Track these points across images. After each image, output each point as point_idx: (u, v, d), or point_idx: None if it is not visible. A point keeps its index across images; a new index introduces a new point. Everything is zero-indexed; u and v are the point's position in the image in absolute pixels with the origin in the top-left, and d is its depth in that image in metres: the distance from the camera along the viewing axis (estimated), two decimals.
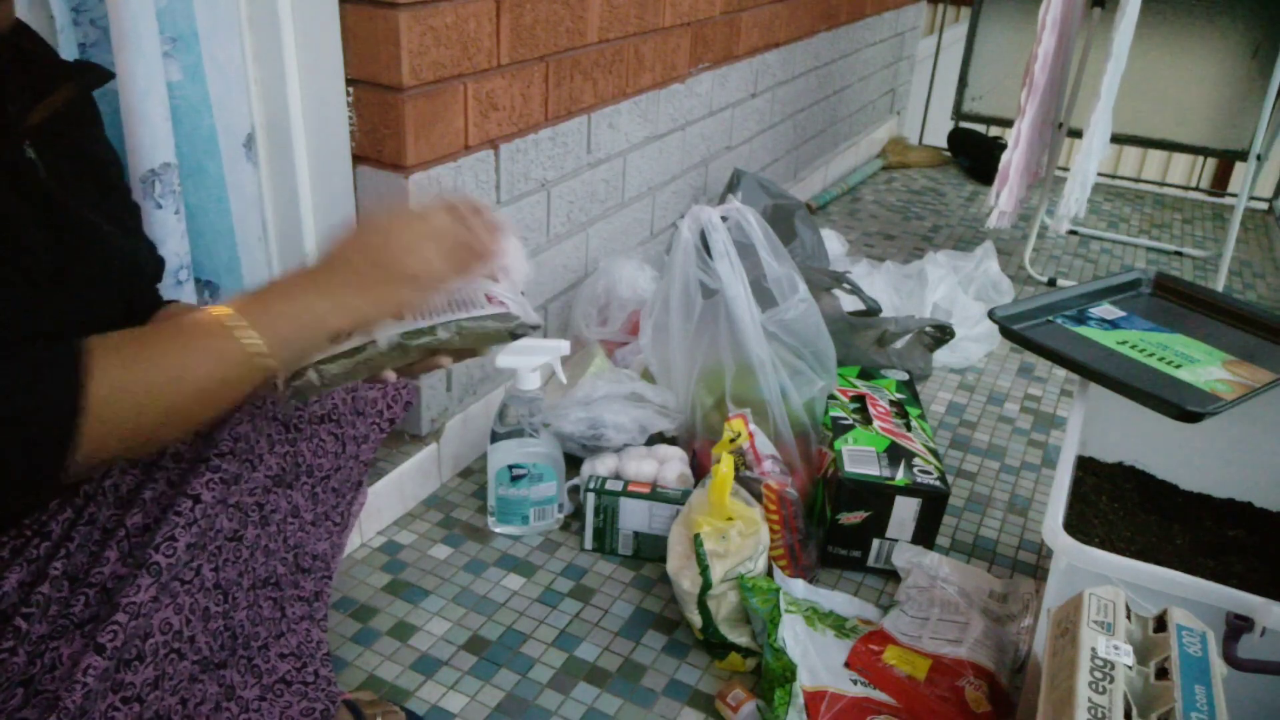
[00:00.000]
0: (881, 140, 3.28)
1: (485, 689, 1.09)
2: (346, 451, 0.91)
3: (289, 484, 0.84)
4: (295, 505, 0.84)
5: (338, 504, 0.91)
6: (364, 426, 0.97)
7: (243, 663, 0.79)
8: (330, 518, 0.90)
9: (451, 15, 1.21)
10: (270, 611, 0.83)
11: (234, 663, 0.78)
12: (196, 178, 1.12)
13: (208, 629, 0.75)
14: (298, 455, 0.85)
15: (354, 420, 0.95)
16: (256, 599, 0.80)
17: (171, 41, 1.04)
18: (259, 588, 0.81)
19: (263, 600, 0.81)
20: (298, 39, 1.16)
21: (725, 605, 1.13)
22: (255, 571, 0.80)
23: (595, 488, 1.29)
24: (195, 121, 1.10)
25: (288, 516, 0.83)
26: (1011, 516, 1.46)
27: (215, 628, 0.76)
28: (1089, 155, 2.05)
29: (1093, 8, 2.20)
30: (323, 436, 0.88)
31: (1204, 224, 2.92)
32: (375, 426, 1.00)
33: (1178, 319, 1.31)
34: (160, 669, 0.69)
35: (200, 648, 0.74)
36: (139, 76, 0.98)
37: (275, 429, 0.84)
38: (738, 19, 1.98)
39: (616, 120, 1.64)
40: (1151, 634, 0.84)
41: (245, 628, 0.80)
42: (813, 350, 1.39)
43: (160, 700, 0.68)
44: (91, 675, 0.66)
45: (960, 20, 3.88)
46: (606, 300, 1.65)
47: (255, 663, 0.81)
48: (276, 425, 0.84)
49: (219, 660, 0.76)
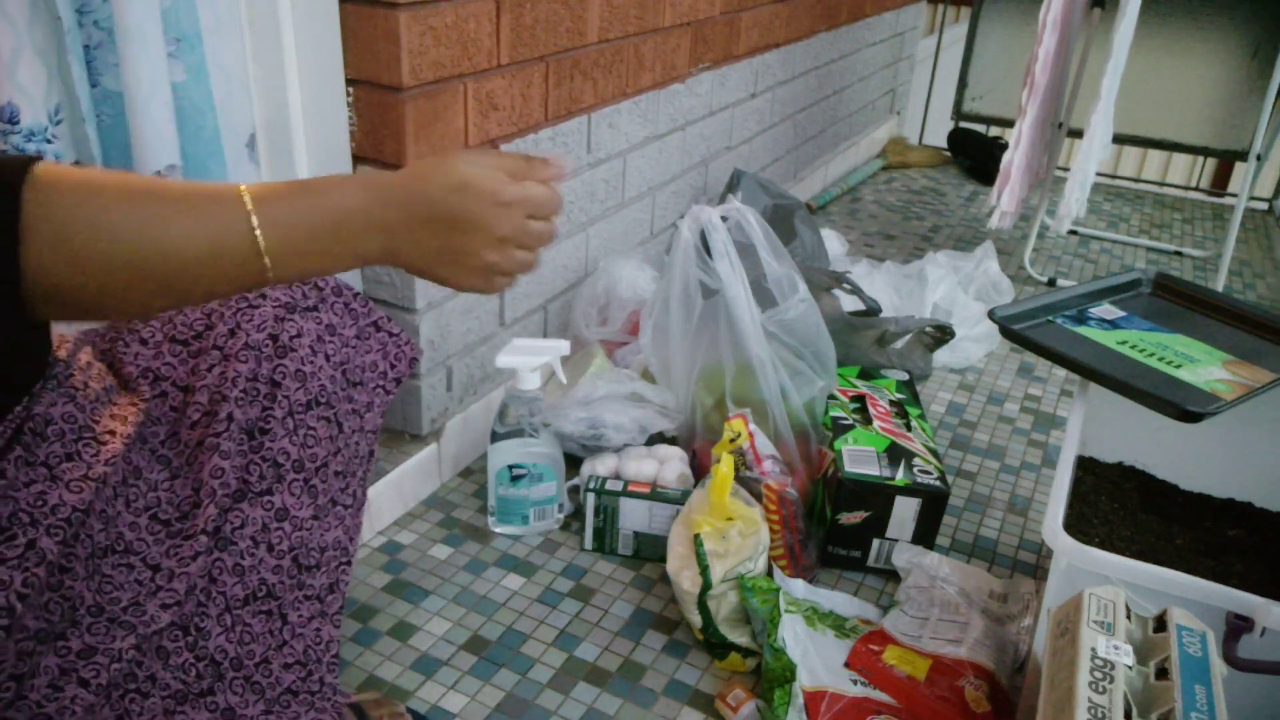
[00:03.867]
0: (881, 140, 3.28)
1: (485, 689, 1.09)
2: (345, 430, 0.86)
3: (254, 495, 0.80)
4: (279, 509, 0.81)
5: (346, 486, 0.87)
6: (364, 396, 0.91)
7: (238, 684, 0.78)
8: (339, 502, 0.86)
9: (451, 15, 1.21)
10: (265, 626, 0.81)
11: (223, 688, 0.76)
12: (200, 179, 1.13)
13: (169, 665, 0.73)
14: (267, 460, 0.81)
15: (349, 394, 0.89)
16: (239, 619, 0.78)
17: (175, 42, 1.04)
18: (238, 609, 0.78)
19: (249, 617, 0.79)
20: (298, 39, 1.16)
21: (725, 605, 1.13)
22: (229, 594, 0.78)
23: (595, 488, 1.29)
24: (199, 122, 1.10)
25: (265, 526, 0.80)
26: (1011, 516, 1.46)
27: (180, 662, 0.74)
28: (1089, 155, 2.05)
29: (1093, 8, 2.20)
30: (311, 424, 0.83)
31: (1204, 224, 2.92)
32: (379, 390, 0.94)
33: (1178, 319, 1.31)
34: (121, 708, 0.68)
35: (168, 683, 0.72)
36: (144, 78, 0.98)
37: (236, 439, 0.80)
38: (738, 19, 1.98)
39: (616, 120, 1.64)
40: (1151, 634, 0.84)
41: (230, 650, 0.78)
42: (813, 350, 1.39)
43: None
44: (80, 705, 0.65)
45: (960, 20, 3.88)
46: (606, 300, 1.65)
47: (255, 680, 0.79)
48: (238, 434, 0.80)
49: (200, 689, 0.75)
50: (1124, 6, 1.91)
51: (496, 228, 0.64)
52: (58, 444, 0.69)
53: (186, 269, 0.57)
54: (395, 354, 0.96)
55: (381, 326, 0.95)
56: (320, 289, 0.89)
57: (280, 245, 0.59)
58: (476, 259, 0.64)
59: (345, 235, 0.61)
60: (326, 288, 0.90)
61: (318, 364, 0.85)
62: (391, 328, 0.96)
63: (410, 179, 0.63)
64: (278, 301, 0.84)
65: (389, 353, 0.95)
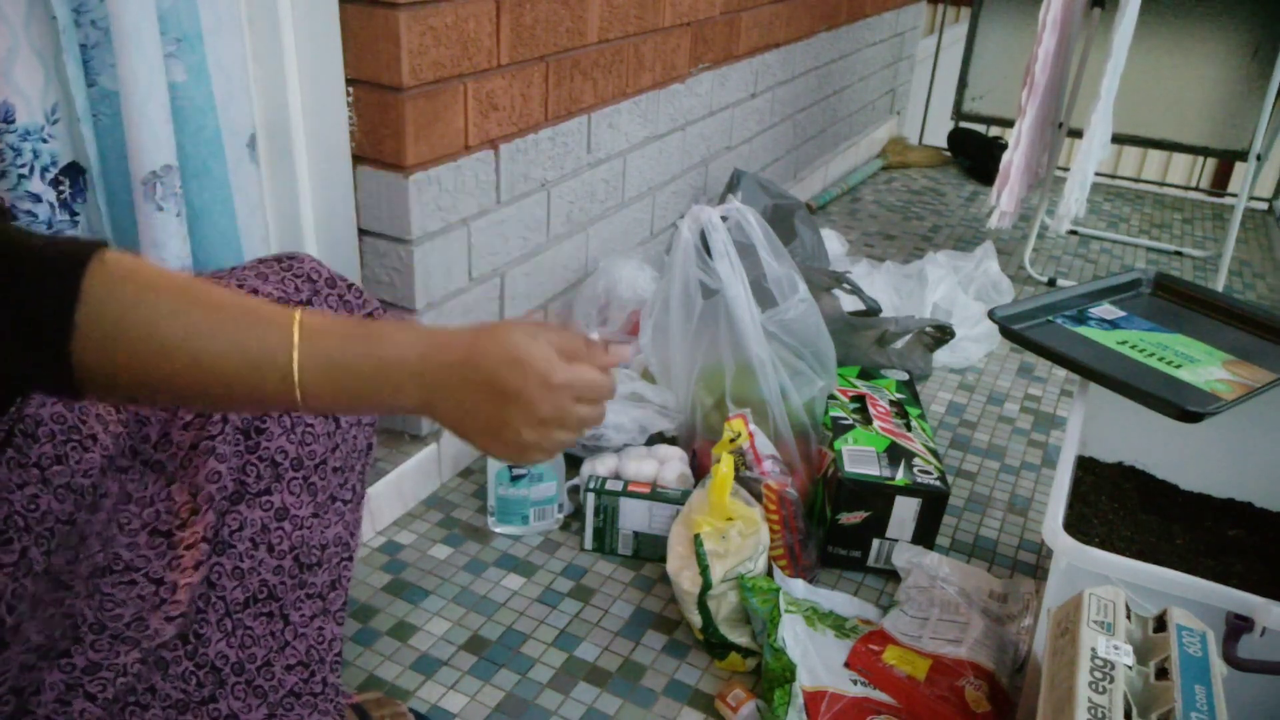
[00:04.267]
0: (881, 140, 3.28)
1: (485, 689, 1.09)
2: (342, 425, 0.86)
3: (251, 496, 0.80)
4: (278, 508, 0.81)
5: (345, 481, 0.87)
6: None
7: (239, 689, 0.77)
8: (339, 498, 0.86)
9: (451, 15, 1.21)
10: (266, 628, 0.80)
11: (224, 694, 0.76)
12: (201, 180, 1.12)
13: (169, 675, 0.73)
14: (264, 460, 0.81)
15: None
16: (239, 623, 0.78)
17: (176, 42, 1.04)
18: (238, 612, 0.78)
19: (250, 620, 0.79)
20: (298, 39, 1.16)
21: (725, 605, 1.13)
22: (228, 599, 0.77)
23: (595, 488, 1.29)
24: (200, 122, 1.10)
25: (265, 527, 0.80)
26: (1011, 516, 1.46)
27: (180, 671, 0.74)
28: (1088, 155, 2.05)
29: (1093, 8, 2.20)
30: (308, 420, 0.83)
31: (1204, 224, 2.92)
32: None
33: (1178, 319, 1.31)
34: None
35: (168, 693, 0.72)
36: (140, 78, 0.98)
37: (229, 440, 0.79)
38: (738, 19, 1.98)
39: (616, 120, 1.64)
40: (1151, 634, 0.84)
41: (231, 655, 0.77)
42: (813, 350, 1.39)
43: None
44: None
45: (960, 20, 3.88)
46: (606, 300, 1.65)
47: (256, 684, 0.79)
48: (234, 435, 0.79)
49: (201, 697, 0.74)
50: (1124, 6, 1.91)
51: (540, 408, 0.61)
52: (49, 445, 0.68)
53: (223, 384, 0.56)
54: None
55: (377, 316, 0.94)
56: (313, 280, 0.88)
57: (317, 382, 0.57)
58: (514, 434, 0.61)
59: (387, 386, 0.59)
60: (320, 279, 0.89)
61: None
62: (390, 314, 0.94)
63: (468, 343, 0.60)
64: (270, 296, 0.84)
65: None
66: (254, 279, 0.86)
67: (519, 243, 1.47)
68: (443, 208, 1.29)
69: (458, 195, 1.31)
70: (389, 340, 0.59)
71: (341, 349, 0.58)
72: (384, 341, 0.59)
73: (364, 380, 0.58)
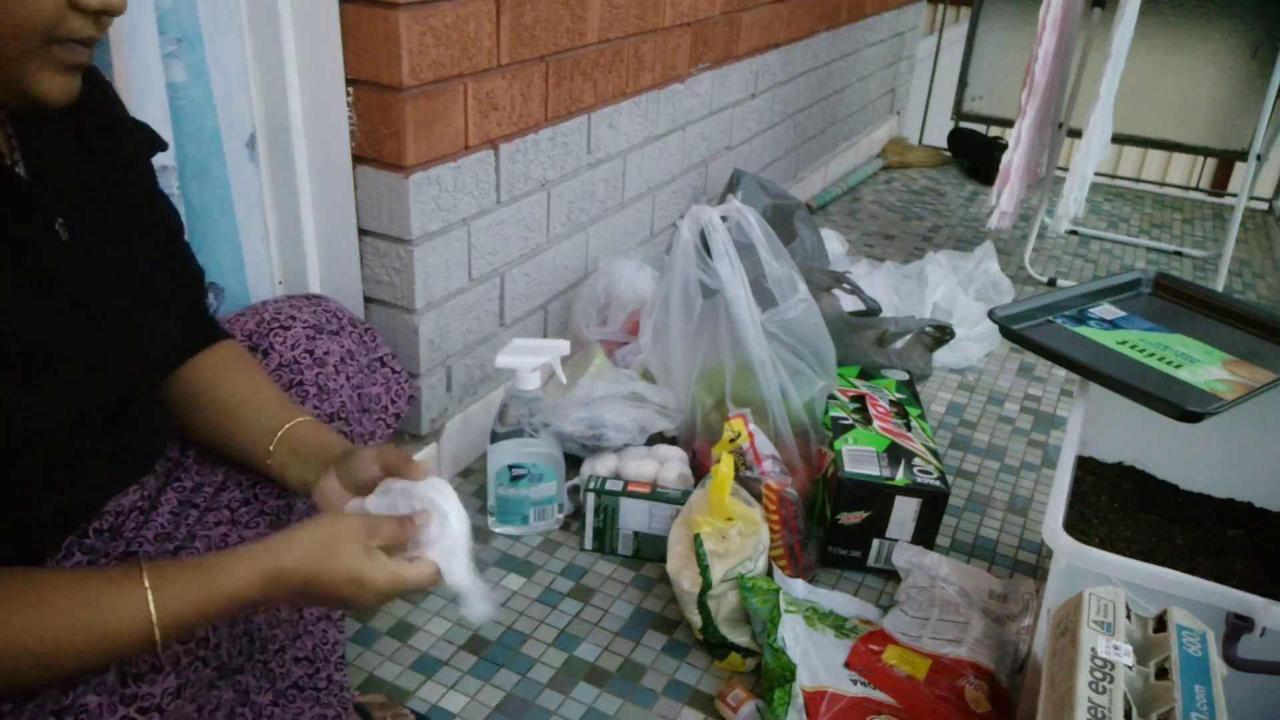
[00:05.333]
0: (881, 140, 3.28)
1: (485, 689, 1.09)
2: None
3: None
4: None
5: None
6: (370, 423, 0.97)
7: (258, 667, 0.79)
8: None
9: (451, 15, 1.21)
10: (289, 612, 0.84)
11: (250, 667, 0.78)
12: (202, 179, 1.12)
13: (231, 634, 0.75)
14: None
15: (360, 418, 0.96)
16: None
17: (176, 42, 1.04)
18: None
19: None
20: (298, 39, 1.16)
21: (725, 605, 1.13)
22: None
23: (595, 488, 1.29)
24: (200, 122, 1.10)
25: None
26: (1011, 516, 1.46)
27: (237, 632, 0.76)
28: (1088, 155, 2.05)
29: (1093, 8, 2.20)
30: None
31: (1204, 224, 2.92)
32: (381, 423, 1.01)
33: (1178, 319, 1.31)
34: (183, 678, 0.68)
35: (222, 654, 0.74)
36: (138, 78, 0.98)
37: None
38: (738, 19, 1.98)
39: (616, 120, 1.64)
40: (1151, 634, 0.84)
41: (263, 631, 0.80)
42: (813, 350, 1.39)
43: (180, 709, 0.67)
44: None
45: (960, 20, 3.88)
46: (606, 300, 1.65)
47: (270, 666, 0.81)
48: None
49: (236, 665, 0.76)
50: (1124, 6, 1.91)
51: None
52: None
53: (74, 656, 0.61)
54: (396, 390, 1.03)
55: (386, 362, 1.04)
56: (339, 317, 0.98)
57: (177, 637, 0.66)
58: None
59: (234, 611, 0.68)
60: (344, 318, 0.99)
61: (339, 382, 0.93)
62: (395, 364, 1.06)
63: (308, 571, 0.68)
64: (306, 323, 0.93)
65: (390, 388, 1.01)
66: (289, 308, 0.95)
67: (519, 243, 1.47)
68: (443, 208, 1.29)
69: (457, 195, 1.31)
70: (231, 577, 0.66)
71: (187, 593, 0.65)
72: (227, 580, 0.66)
73: (211, 614, 0.66)
